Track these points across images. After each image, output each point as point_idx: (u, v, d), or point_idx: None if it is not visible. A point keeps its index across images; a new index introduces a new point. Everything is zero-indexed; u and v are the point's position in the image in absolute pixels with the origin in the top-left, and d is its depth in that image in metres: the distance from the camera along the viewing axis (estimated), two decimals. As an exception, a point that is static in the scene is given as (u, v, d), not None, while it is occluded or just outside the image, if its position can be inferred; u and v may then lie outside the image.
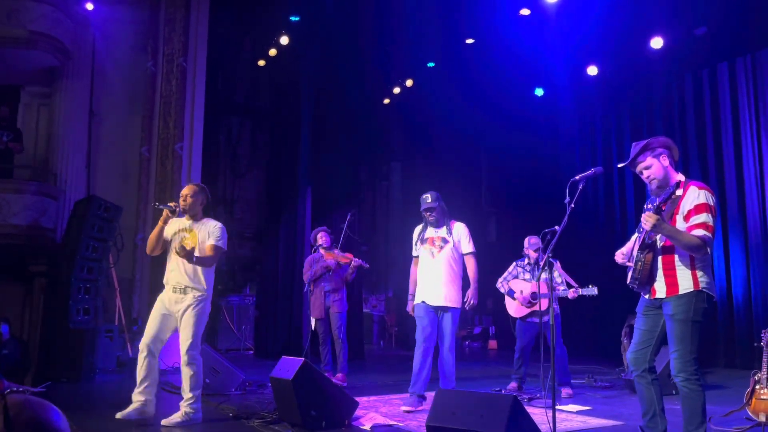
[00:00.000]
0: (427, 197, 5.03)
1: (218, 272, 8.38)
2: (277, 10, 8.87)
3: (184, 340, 4.11)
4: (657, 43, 8.02)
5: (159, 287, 7.94)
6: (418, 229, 5.21)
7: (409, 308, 5.14)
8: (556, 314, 5.72)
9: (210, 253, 4.23)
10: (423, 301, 4.92)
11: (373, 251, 11.81)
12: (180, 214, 4.36)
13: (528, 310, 5.86)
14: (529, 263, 5.96)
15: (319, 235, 6.54)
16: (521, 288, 5.92)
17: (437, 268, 4.91)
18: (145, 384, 4.14)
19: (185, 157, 8.09)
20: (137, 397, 4.13)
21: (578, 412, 4.85)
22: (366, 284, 12.21)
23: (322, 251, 6.43)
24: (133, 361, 7.22)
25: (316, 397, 4.06)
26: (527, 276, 5.91)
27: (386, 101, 10.75)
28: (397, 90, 10.41)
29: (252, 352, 10.01)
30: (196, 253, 4.15)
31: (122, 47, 8.46)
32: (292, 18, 8.91)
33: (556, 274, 5.66)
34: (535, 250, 5.84)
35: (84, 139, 8.13)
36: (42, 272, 7.24)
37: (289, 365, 4.19)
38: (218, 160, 9.50)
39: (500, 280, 6.11)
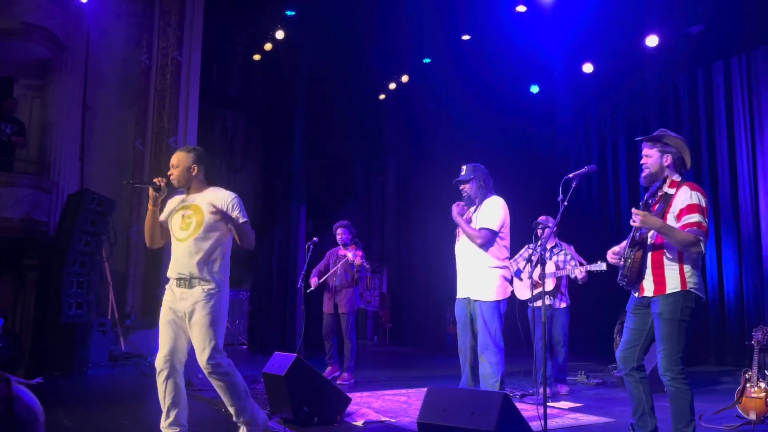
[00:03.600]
0: (463, 168, 4.36)
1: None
2: (273, 4, 8.83)
3: (200, 349, 3.20)
4: (652, 41, 8.03)
5: (152, 281, 7.97)
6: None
7: None
8: (568, 308, 5.67)
9: (248, 231, 3.32)
10: (458, 297, 4.34)
11: (368, 247, 11.80)
12: (180, 192, 3.51)
13: (536, 291, 5.72)
14: (545, 244, 5.81)
15: (338, 231, 6.52)
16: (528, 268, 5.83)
17: (462, 253, 4.30)
18: (174, 412, 3.24)
19: (180, 152, 8.07)
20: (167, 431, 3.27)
21: (570, 409, 4.87)
22: (364, 279, 12.20)
23: (340, 246, 6.48)
24: (126, 356, 7.25)
25: (309, 392, 4.06)
26: (536, 258, 5.80)
27: (382, 97, 10.74)
28: (392, 86, 10.39)
29: (245, 347, 10.02)
30: (210, 236, 3.28)
31: (117, 40, 8.41)
32: (288, 12, 8.88)
33: (569, 257, 5.61)
34: (542, 228, 5.69)
35: (77, 132, 8.09)
36: (34, 266, 7.22)
37: (281, 361, 4.19)
38: (212, 154, 9.46)
39: (511, 261, 5.96)
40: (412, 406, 4.85)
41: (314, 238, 6.48)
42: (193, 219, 3.32)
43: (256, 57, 9.59)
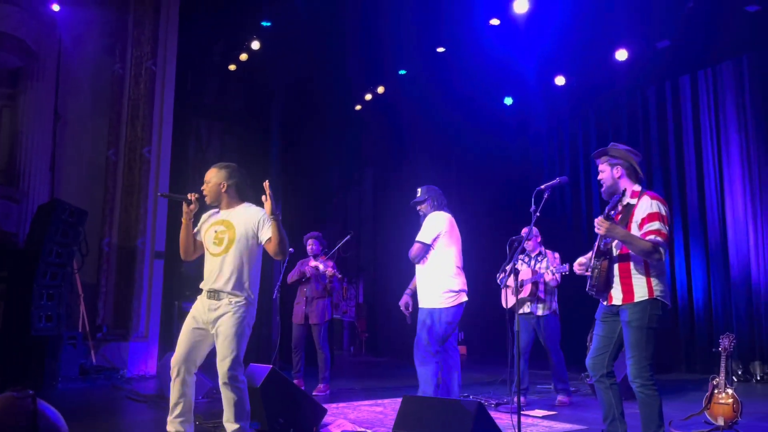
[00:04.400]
0: (418, 191, 4.67)
1: (187, 277, 8.31)
2: (249, 14, 8.83)
3: (222, 357, 3.31)
4: (622, 55, 8.23)
5: (124, 293, 7.87)
6: None
7: None
8: (555, 315, 5.69)
9: (279, 244, 3.37)
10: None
11: (344, 257, 11.80)
12: (215, 207, 3.60)
13: (515, 299, 5.78)
14: (527, 254, 5.89)
15: (309, 242, 6.54)
16: (522, 272, 5.89)
17: (417, 268, 4.57)
18: (179, 409, 3.36)
19: (153, 161, 7.99)
20: (171, 427, 3.37)
21: (544, 417, 4.93)
22: (335, 290, 12.17)
23: (311, 257, 6.49)
24: (97, 369, 7.13)
25: (284, 404, 4.05)
26: (524, 266, 5.90)
27: (358, 107, 10.79)
28: (369, 96, 10.45)
29: (220, 358, 9.89)
30: (242, 253, 3.38)
31: (89, 49, 8.32)
32: (264, 23, 8.88)
33: (544, 263, 5.68)
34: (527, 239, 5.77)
35: (48, 142, 7.96)
36: (3, 277, 7.05)
37: (256, 372, 4.17)
38: (187, 164, 9.39)
39: (499, 272, 6.03)
40: (388, 416, 4.85)
41: (290, 249, 6.47)
42: (226, 235, 3.42)
43: (232, 67, 9.57)
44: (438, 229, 4.43)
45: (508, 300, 5.72)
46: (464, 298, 4.45)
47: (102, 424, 4.50)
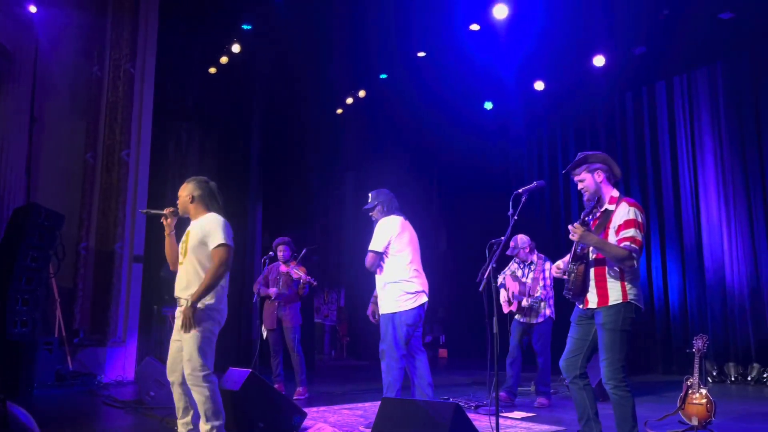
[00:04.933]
0: (369, 196, 4.67)
1: (165, 281, 8.23)
2: (229, 18, 8.80)
3: (185, 360, 3.43)
4: (599, 60, 8.35)
5: (101, 298, 7.76)
6: None
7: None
8: (548, 321, 5.77)
9: (215, 261, 3.44)
10: None
11: (325, 261, 11.78)
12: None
13: (509, 309, 5.92)
14: (523, 261, 5.95)
15: (279, 248, 6.54)
16: (509, 286, 5.94)
17: (376, 276, 4.59)
18: (180, 412, 3.58)
19: (132, 165, 7.91)
20: (182, 429, 3.60)
21: (522, 419, 4.97)
22: (317, 294, 12.16)
23: (280, 262, 6.47)
24: (74, 375, 7.02)
25: (264, 408, 4.04)
26: (519, 273, 5.95)
27: (339, 111, 10.80)
28: (350, 100, 10.47)
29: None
30: (198, 261, 3.50)
31: (67, 51, 8.22)
32: (244, 26, 8.86)
33: (547, 274, 5.75)
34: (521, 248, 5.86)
35: (24, 145, 7.84)
36: (-23, 282, 6.93)
37: (236, 376, 4.16)
38: (167, 167, 9.30)
39: (500, 274, 6.10)
40: (368, 419, 4.85)
41: (270, 253, 6.49)
42: (186, 245, 3.58)
43: (212, 70, 9.53)
44: (388, 236, 4.42)
45: (504, 305, 5.88)
46: (423, 299, 4.40)
47: (79, 431, 4.45)
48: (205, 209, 3.67)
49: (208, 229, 3.52)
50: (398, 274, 4.39)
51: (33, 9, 7.69)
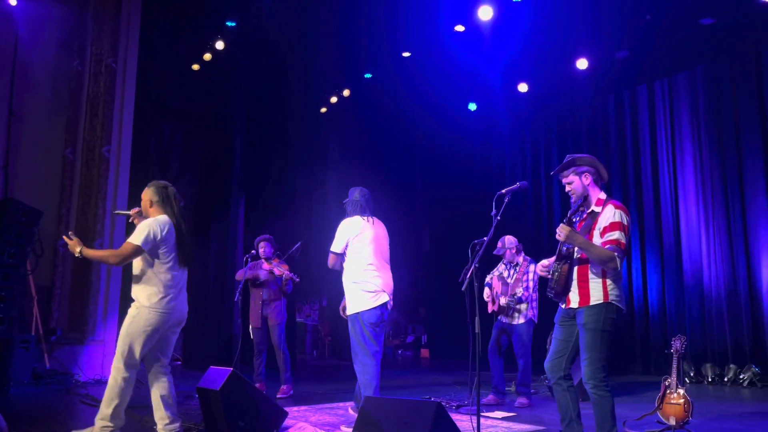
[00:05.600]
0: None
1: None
2: (213, 14, 8.73)
3: None
4: (582, 64, 8.43)
5: (80, 296, 7.66)
6: None
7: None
8: (530, 323, 5.79)
9: (118, 251, 3.74)
10: None
11: (308, 260, 11.74)
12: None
13: (492, 308, 5.96)
14: (509, 262, 5.99)
15: (260, 245, 6.52)
16: (495, 285, 5.98)
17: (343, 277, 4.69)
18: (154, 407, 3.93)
19: (113, 161, 7.81)
20: (159, 424, 3.93)
21: (503, 419, 5.00)
22: (299, 293, 12.11)
23: (263, 260, 6.44)
24: (51, 373, 6.92)
25: (244, 407, 4.01)
26: (506, 274, 5.98)
27: (323, 110, 10.77)
28: (334, 99, 10.45)
29: (180, 362, 9.74)
30: (135, 262, 3.78)
31: (48, 45, 8.09)
32: (229, 23, 8.80)
33: (531, 276, 5.78)
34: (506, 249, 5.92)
35: (2, 139, 7.70)
36: (-48, 279, 6.80)
37: (216, 375, 4.12)
38: (148, 164, 9.20)
39: (489, 274, 6.13)
40: (349, 418, 4.84)
41: (252, 251, 6.46)
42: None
43: (196, 67, 9.45)
44: (346, 237, 4.52)
45: (489, 305, 5.92)
46: (384, 298, 4.43)
47: (55, 430, 4.38)
48: (160, 212, 3.88)
49: (136, 229, 3.76)
50: (358, 275, 4.45)
51: (13, 1, 7.57)
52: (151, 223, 3.72)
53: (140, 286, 3.76)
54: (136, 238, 3.67)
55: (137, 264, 3.79)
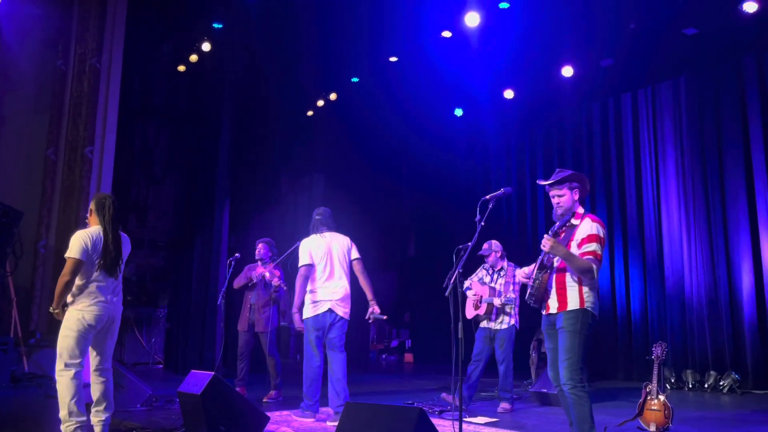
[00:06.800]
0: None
1: (127, 282, 8.05)
2: (200, 15, 8.69)
3: None
4: (567, 71, 8.49)
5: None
6: None
7: None
8: (512, 328, 5.78)
9: (62, 274, 3.93)
10: None
11: (293, 263, 11.69)
12: None
13: (475, 313, 5.94)
14: (492, 267, 5.99)
15: (259, 245, 6.47)
16: (477, 290, 5.97)
17: None
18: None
19: (96, 162, 7.73)
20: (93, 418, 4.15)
21: (486, 424, 5.00)
22: (284, 297, 12.03)
23: (258, 262, 6.41)
24: (29, 376, 6.82)
25: (226, 411, 3.97)
26: (487, 279, 5.98)
27: (310, 113, 10.75)
28: (321, 103, 10.43)
29: (161, 366, 9.65)
30: None
31: (31, 43, 8.00)
32: (215, 25, 8.76)
33: (517, 279, 5.77)
34: (488, 254, 5.95)
35: (-17, 139, 7.61)
36: (-72, 280, 6.69)
37: (198, 379, 4.08)
38: (132, 165, 9.14)
39: (466, 280, 6.11)
40: (329, 424, 4.82)
41: (236, 254, 6.38)
42: None
43: (181, 68, 9.39)
44: (306, 253, 5.20)
45: (468, 310, 5.92)
46: (325, 307, 5.00)
47: (32, 434, 4.31)
48: (97, 223, 4.10)
49: (70, 243, 3.94)
50: (309, 286, 5.13)
51: (-4, -1, 7.48)
52: (81, 235, 3.97)
53: (74, 291, 4.00)
54: (72, 252, 3.90)
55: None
